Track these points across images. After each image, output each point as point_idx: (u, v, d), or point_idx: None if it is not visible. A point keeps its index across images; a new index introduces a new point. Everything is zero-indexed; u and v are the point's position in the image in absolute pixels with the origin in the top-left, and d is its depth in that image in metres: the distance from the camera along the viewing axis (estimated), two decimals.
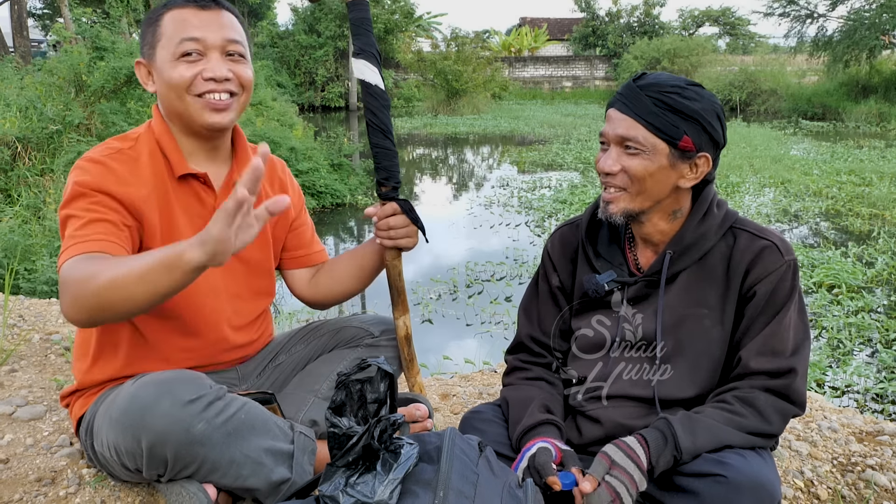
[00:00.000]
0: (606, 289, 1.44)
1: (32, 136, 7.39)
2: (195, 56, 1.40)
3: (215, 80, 1.40)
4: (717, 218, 1.40)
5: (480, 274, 6.00)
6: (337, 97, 26.27)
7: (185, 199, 1.47)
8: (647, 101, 1.32)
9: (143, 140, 1.47)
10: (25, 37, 16.26)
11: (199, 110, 1.41)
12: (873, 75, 21.70)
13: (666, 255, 1.40)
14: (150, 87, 1.46)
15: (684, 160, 1.34)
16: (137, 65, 1.47)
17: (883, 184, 9.48)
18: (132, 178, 1.40)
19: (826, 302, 4.99)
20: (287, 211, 1.65)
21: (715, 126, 1.33)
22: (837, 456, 1.85)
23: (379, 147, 1.59)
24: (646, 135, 1.32)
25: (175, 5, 1.42)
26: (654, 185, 1.35)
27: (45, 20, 30.46)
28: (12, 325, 2.67)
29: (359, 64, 1.58)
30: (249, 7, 32.68)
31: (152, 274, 1.14)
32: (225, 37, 1.42)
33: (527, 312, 1.61)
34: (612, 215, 1.39)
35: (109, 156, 1.41)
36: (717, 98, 1.36)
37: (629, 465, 1.25)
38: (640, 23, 34.45)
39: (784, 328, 1.34)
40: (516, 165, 12.83)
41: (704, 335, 1.39)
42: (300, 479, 1.39)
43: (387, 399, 1.16)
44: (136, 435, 1.23)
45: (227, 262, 1.37)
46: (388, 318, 1.77)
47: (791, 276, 1.35)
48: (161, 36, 1.41)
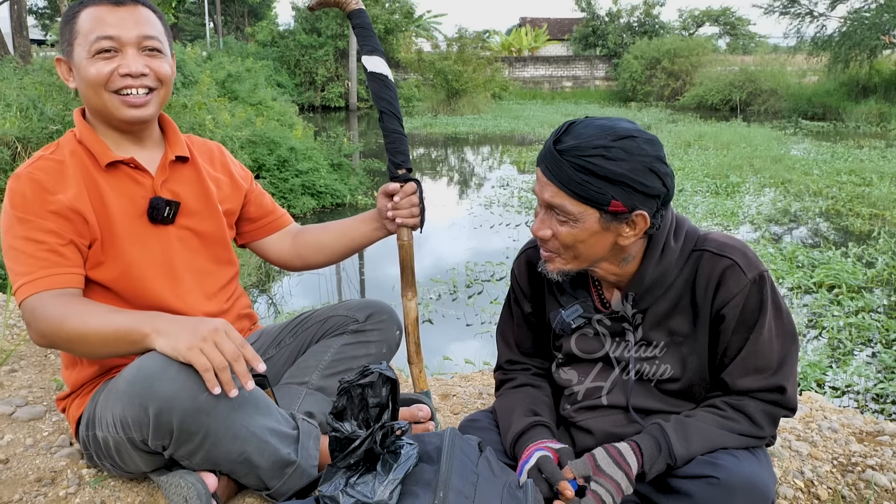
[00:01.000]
0: (573, 326, 1.43)
1: (32, 136, 7.38)
2: (111, 53, 1.42)
3: (131, 75, 1.43)
4: (675, 252, 1.34)
5: (480, 274, 6.00)
6: (337, 97, 26.25)
7: (118, 184, 1.50)
8: (567, 169, 1.22)
9: (63, 143, 1.50)
10: (25, 36, 16.24)
11: (118, 106, 1.45)
12: (873, 75, 21.70)
13: (628, 296, 1.37)
14: (71, 83, 1.49)
15: (619, 221, 1.25)
16: (58, 62, 1.50)
17: (883, 184, 9.48)
18: (58, 183, 1.43)
19: (826, 302, 4.99)
20: (237, 185, 1.72)
21: (647, 182, 1.21)
22: (837, 456, 1.85)
23: (396, 132, 1.70)
24: (572, 203, 1.24)
25: (90, 3, 1.44)
26: (589, 249, 1.29)
27: (45, 19, 30.46)
28: (12, 325, 2.67)
29: (374, 60, 1.72)
30: (249, 6, 32.67)
31: (114, 341, 1.30)
32: (140, 33, 1.44)
33: (503, 336, 1.60)
34: (550, 273, 1.35)
35: (33, 165, 1.44)
36: (654, 145, 1.23)
37: (616, 472, 1.25)
38: (640, 23, 34.44)
39: (763, 344, 1.31)
40: (516, 165, 12.83)
41: (682, 363, 1.37)
42: (305, 462, 1.38)
43: (389, 403, 1.16)
44: (144, 403, 1.23)
45: (182, 240, 1.57)
46: (375, 300, 1.76)
47: (758, 292, 1.30)
48: (77, 34, 1.43)
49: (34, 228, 1.38)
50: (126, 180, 1.51)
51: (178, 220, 1.55)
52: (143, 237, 1.51)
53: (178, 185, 1.57)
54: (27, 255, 1.37)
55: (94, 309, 1.36)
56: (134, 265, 1.49)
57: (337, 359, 1.65)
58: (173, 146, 1.59)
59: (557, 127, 1.30)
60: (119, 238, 1.47)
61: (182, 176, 1.59)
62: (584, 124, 1.26)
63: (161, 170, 1.55)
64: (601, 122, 1.25)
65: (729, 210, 7.83)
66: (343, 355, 1.65)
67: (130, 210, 1.50)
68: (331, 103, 26.09)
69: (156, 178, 1.53)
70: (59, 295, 1.37)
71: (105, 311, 1.36)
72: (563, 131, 1.26)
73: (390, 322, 1.73)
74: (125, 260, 1.48)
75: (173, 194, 1.56)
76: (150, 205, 1.51)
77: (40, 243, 1.38)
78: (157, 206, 1.51)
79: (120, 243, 1.47)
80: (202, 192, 1.62)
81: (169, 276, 1.53)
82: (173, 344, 1.24)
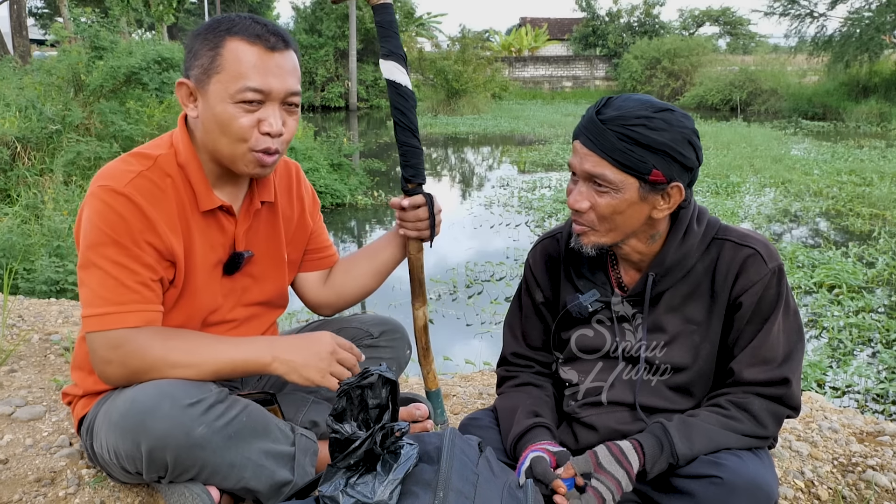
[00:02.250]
0: (590, 310, 1.43)
1: (32, 136, 7.38)
2: (255, 105, 1.31)
3: (271, 134, 1.33)
4: (697, 235, 1.36)
5: (480, 274, 6.00)
6: (337, 97, 26.25)
7: (206, 230, 1.41)
8: (611, 137, 1.24)
9: (163, 162, 1.36)
10: (25, 36, 16.25)
11: (249, 162, 1.35)
12: (874, 75, 21.69)
13: (649, 277, 1.38)
14: (191, 111, 1.35)
15: (656, 192, 1.28)
16: (180, 85, 1.35)
17: (883, 184, 9.48)
18: (157, 211, 1.32)
19: (826, 302, 4.99)
20: (305, 225, 1.64)
21: (686, 154, 1.26)
22: (838, 456, 1.85)
23: (407, 145, 1.63)
24: (614, 172, 1.26)
25: (240, 35, 1.30)
26: (626, 221, 1.31)
27: (44, 19, 30.45)
28: (11, 326, 2.67)
29: (388, 65, 1.61)
30: (249, 7, 32.68)
31: (230, 372, 1.33)
32: (288, 89, 1.33)
33: (511, 329, 1.60)
34: (584, 247, 1.36)
35: (132, 184, 1.30)
36: (689, 119, 1.28)
37: (618, 470, 1.25)
38: (640, 22, 34.44)
39: (773, 336, 1.32)
40: (516, 165, 12.82)
41: (694, 352, 1.38)
42: (301, 480, 1.38)
43: (388, 404, 1.16)
44: (136, 439, 1.22)
45: (244, 290, 1.52)
46: (388, 318, 1.77)
47: (776, 283, 1.33)
48: (220, 68, 1.29)
49: (128, 256, 1.28)
50: (214, 226, 1.43)
51: (243, 267, 1.49)
52: (213, 286, 1.45)
53: (255, 233, 1.51)
54: (118, 282, 1.28)
55: (197, 341, 1.33)
56: (197, 315, 1.44)
57: None
58: (261, 189, 1.49)
59: (595, 101, 1.33)
60: (196, 289, 1.41)
61: (260, 221, 1.52)
62: (623, 98, 1.29)
63: (244, 216, 1.47)
64: (638, 97, 1.29)
65: (729, 210, 7.82)
66: None
67: (210, 258, 1.43)
68: (331, 103, 26.09)
69: (238, 226, 1.46)
70: (149, 329, 1.30)
71: (211, 342, 1.34)
72: (603, 104, 1.29)
73: (402, 341, 1.73)
74: (194, 307, 1.42)
75: (248, 243, 1.49)
76: (231, 259, 1.46)
77: (133, 273, 1.29)
78: (237, 261, 1.46)
79: (193, 291, 1.41)
80: (275, 242, 1.56)
81: (219, 324, 1.50)
82: (305, 375, 1.34)
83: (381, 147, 15.19)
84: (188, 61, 1.35)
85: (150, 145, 1.41)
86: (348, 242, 8.07)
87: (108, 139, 7.68)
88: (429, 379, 1.80)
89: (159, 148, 1.39)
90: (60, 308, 3.01)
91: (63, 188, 6.72)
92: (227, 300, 1.49)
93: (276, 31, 1.34)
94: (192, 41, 1.35)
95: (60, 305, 3.08)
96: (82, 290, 1.31)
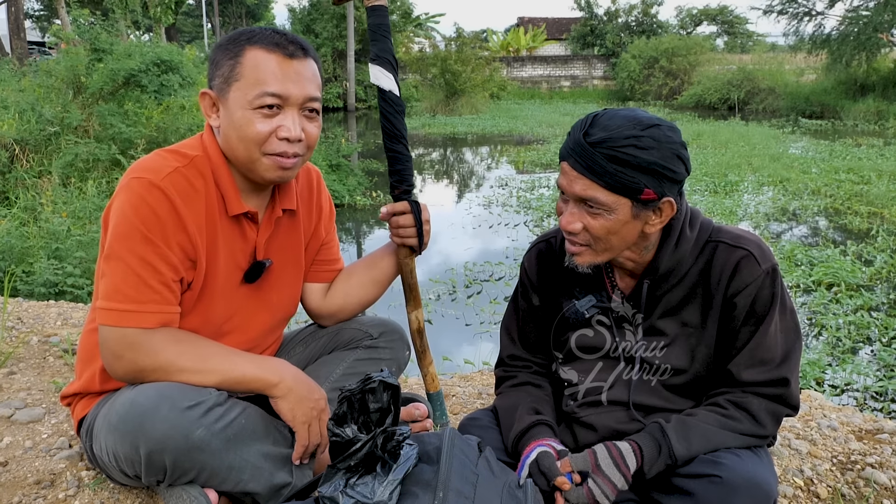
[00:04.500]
0: (587, 315, 1.43)
1: (30, 138, 7.38)
2: (274, 110, 1.33)
3: (289, 140, 1.34)
4: (690, 241, 1.36)
5: (479, 274, 6.00)
6: (335, 98, 26.26)
7: (230, 235, 1.43)
8: (600, 160, 1.23)
9: (199, 162, 1.38)
10: (22, 38, 16.25)
11: (268, 168, 1.36)
12: (871, 73, 21.71)
13: (644, 285, 1.38)
14: (214, 120, 1.38)
15: (648, 209, 1.28)
16: (203, 95, 1.38)
17: (881, 182, 9.48)
18: (190, 211, 1.33)
19: (825, 300, 4.99)
20: (318, 235, 1.65)
21: (676, 169, 1.25)
22: (837, 454, 1.85)
23: (392, 151, 1.62)
24: (605, 195, 1.25)
25: (260, 44, 1.33)
26: (620, 239, 1.31)
27: (42, 21, 30.43)
28: (10, 328, 2.67)
29: (374, 70, 1.59)
30: (247, 8, 32.67)
31: (234, 384, 1.34)
32: (307, 94, 1.35)
33: (508, 332, 1.60)
34: (580, 266, 1.36)
35: (168, 178, 1.31)
36: (676, 132, 1.27)
37: (614, 473, 1.26)
38: (638, 22, 34.46)
39: (770, 337, 1.32)
40: (515, 165, 12.83)
41: (691, 355, 1.38)
42: (300, 482, 1.38)
43: (390, 408, 1.16)
44: (135, 442, 1.22)
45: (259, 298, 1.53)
46: (387, 319, 1.77)
47: (770, 284, 1.32)
48: (240, 76, 1.32)
49: (156, 255, 1.29)
50: (237, 233, 1.44)
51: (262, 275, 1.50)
52: (231, 293, 1.45)
53: (275, 242, 1.52)
54: (140, 279, 1.28)
55: (209, 349, 1.34)
56: (212, 321, 1.44)
57: (349, 373, 1.64)
58: (283, 197, 1.50)
59: (579, 120, 1.31)
60: (214, 294, 1.42)
61: (281, 230, 1.53)
62: (609, 116, 1.27)
63: (266, 224, 1.48)
64: (625, 113, 1.27)
65: (728, 209, 7.83)
66: (355, 370, 1.64)
67: (231, 265, 1.43)
68: (329, 104, 26.08)
69: (260, 234, 1.46)
70: (164, 331, 1.31)
71: (224, 353, 1.35)
72: (589, 124, 1.27)
73: (401, 342, 1.73)
74: (210, 312, 1.43)
75: (268, 252, 1.50)
76: (252, 267, 1.46)
77: (157, 272, 1.29)
78: (258, 270, 1.46)
79: (211, 297, 1.41)
80: (294, 251, 1.57)
81: (233, 332, 1.50)
82: (294, 412, 1.36)
83: (379, 148, 15.17)
84: (211, 72, 1.37)
85: (184, 145, 1.42)
86: (347, 243, 8.06)
87: (107, 141, 7.67)
88: (428, 381, 1.80)
89: (194, 149, 1.40)
90: (59, 310, 3.01)
91: (61, 190, 6.71)
92: (244, 308, 1.49)
93: (295, 40, 1.36)
94: (215, 53, 1.37)
95: (59, 307, 3.08)
96: (103, 280, 1.31)
